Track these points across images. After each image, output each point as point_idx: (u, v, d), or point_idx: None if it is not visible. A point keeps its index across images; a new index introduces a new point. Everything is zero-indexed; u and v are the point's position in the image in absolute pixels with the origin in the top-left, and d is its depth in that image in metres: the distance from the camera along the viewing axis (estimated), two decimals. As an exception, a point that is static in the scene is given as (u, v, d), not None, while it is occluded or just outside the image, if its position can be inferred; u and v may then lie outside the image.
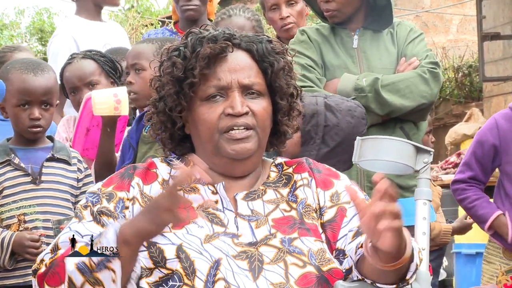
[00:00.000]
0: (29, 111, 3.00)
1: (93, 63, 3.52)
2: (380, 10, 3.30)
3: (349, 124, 2.82)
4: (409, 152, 2.29)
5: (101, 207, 1.92)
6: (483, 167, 3.25)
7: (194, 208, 1.93)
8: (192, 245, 1.85)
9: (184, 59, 1.95)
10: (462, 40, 11.36)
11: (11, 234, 2.93)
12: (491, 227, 3.22)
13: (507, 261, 3.23)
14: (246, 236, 1.90)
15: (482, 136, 3.26)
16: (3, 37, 13.58)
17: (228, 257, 1.84)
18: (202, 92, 1.95)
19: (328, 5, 3.26)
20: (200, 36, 1.98)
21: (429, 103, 3.20)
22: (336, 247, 1.94)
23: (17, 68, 3.05)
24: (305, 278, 1.84)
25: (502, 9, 8.73)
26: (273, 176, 2.05)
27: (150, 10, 14.86)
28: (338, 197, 2.00)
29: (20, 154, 3.04)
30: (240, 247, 1.88)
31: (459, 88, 10.34)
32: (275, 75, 1.99)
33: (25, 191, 2.99)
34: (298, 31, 3.38)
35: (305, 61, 3.23)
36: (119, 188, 1.96)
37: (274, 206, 1.97)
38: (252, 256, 1.86)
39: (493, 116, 3.31)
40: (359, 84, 3.13)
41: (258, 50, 1.98)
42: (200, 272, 1.81)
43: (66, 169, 3.07)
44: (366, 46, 3.28)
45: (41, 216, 2.97)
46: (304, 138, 2.80)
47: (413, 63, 3.22)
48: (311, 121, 2.79)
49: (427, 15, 11.37)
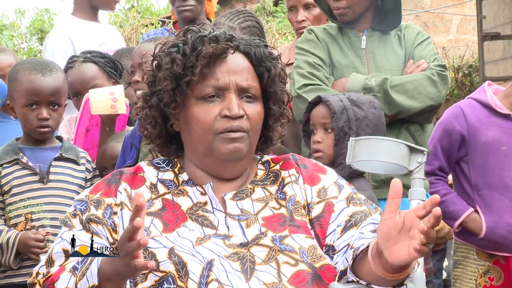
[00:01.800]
0: (37, 111, 3.02)
1: (94, 66, 3.53)
2: (387, 12, 3.32)
3: (375, 115, 2.85)
4: (402, 152, 2.29)
5: (90, 215, 1.91)
6: (449, 157, 3.14)
7: (184, 211, 1.93)
8: (184, 247, 1.84)
9: (184, 56, 1.94)
10: (462, 40, 11.35)
11: (16, 234, 2.94)
12: (460, 224, 3.15)
13: (483, 262, 3.15)
14: (237, 237, 1.90)
15: (448, 125, 3.14)
16: (3, 37, 13.58)
17: (220, 258, 1.84)
18: (198, 90, 1.94)
19: (338, 3, 3.26)
20: (200, 34, 1.96)
21: (436, 105, 3.21)
22: (325, 243, 1.94)
23: (25, 68, 3.06)
24: (298, 276, 1.84)
25: (502, 9, 8.73)
26: (260, 174, 2.04)
27: (151, 10, 14.85)
28: (325, 192, 2.00)
29: (28, 153, 3.06)
30: (231, 248, 1.87)
31: (459, 88, 10.34)
32: (271, 80, 1.99)
33: (33, 190, 3.01)
34: (306, 30, 3.39)
35: (313, 60, 3.24)
36: (107, 194, 1.95)
37: (263, 205, 1.97)
38: (244, 257, 1.86)
39: (457, 104, 3.20)
40: (368, 84, 3.14)
41: (256, 54, 1.98)
42: (193, 274, 1.80)
43: (75, 168, 3.09)
44: (374, 46, 3.30)
45: (48, 215, 2.98)
46: (339, 136, 2.81)
47: (421, 65, 3.24)
48: (342, 117, 2.81)
49: (427, 15, 11.35)
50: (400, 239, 1.62)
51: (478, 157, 3.10)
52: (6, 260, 2.95)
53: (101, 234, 1.90)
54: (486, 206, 3.11)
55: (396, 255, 1.63)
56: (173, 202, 1.95)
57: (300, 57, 3.28)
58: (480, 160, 3.10)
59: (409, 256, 1.60)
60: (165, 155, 2.06)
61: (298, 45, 3.34)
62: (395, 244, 1.63)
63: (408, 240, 1.60)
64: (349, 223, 1.94)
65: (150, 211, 1.93)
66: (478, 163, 3.11)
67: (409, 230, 1.60)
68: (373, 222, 1.92)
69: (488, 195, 3.11)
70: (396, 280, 1.75)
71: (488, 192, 3.11)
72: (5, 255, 2.95)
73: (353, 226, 1.93)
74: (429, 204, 1.57)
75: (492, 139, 3.09)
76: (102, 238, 1.89)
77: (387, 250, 1.64)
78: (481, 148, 3.09)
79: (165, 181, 2.00)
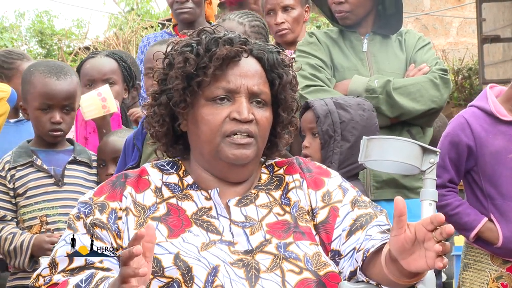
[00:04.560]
0: (50, 114, 3.01)
1: (115, 63, 3.53)
2: (389, 16, 3.33)
3: (363, 117, 2.85)
4: (415, 153, 2.28)
5: (94, 219, 1.89)
6: (458, 168, 3.12)
7: (188, 216, 1.92)
8: (189, 253, 1.83)
9: (197, 56, 1.92)
10: (462, 42, 11.36)
11: (31, 237, 2.94)
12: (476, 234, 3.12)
13: (496, 267, 3.15)
14: (241, 244, 1.88)
15: (455, 137, 3.10)
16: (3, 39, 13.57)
17: (225, 264, 1.82)
18: (209, 92, 1.92)
19: (341, 7, 3.28)
20: (215, 36, 1.95)
21: (438, 108, 3.23)
22: (331, 248, 1.93)
23: (40, 71, 3.04)
24: (303, 284, 1.83)
25: (502, 11, 8.73)
26: (264, 178, 2.02)
27: (150, 13, 14.85)
28: (330, 196, 1.98)
29: (42, 156, 3.06)
30: (236, 255, 1.86)
31: (459, 91, 10.35)
32: (283, 87, 1.98)
33: (48, 192, 3.01)
34: (307, 33, 3.41)
35: (315, 62, 3.25)
36: (111, 198, 1.93)
37: (268, 211, 1.95)
38: (249, 265, 1.84)
39: (461, 115, 3.16)
40: (370, 85, 3.15)
41: (269, 59, 1.96)
42: (198, 279, 1.79)
43: (87, 172, 3.10)
44: (375, 49, 3.31)
45: (63, 218, 2.97)
46: (324, 139, 2.82)
47: (423, 69, 3.25)
48: (326, 121, 2.82)
49: (427, 18, 11.36)
50: (415, 250, 1.63)
51: (488, 167, 3.09)
52: (20, 263, 2.95)
53: (105, 240, 1.88)
54: (501, 215, 3.10)
55: (413, 265, 1.64)
56: (177, 207, 1.94)
57: (302, 59, 3.28)
58: (490, 170, 3.09)
59: (428, 266, 1.61)
60: (170, 155, 2.05)
61: (299, 48, 3.35)
62: (411, 254, 1.63)
63: (423, 250, 1.61)
64: (354, 226, 1.93)
65: (155, 215, 1.91)
66: (488, 173, 3.10)
67: (422, 242, 1.61)
68: (379, 224, 1.92)
69: (503, 204, 3.09)
70: (410, 283, 1.75)
71: (502, 201, 3.10)
72: (19, 257, 2.95)
73: (359, 229, 1.92)
74: (436, 221, 1.58)
75: (499, 148, 3.08)
76: (106, 244, 1.87)
77: (403, 260, 1.65)
78: (489, 158, 3.08)
79: (170, 184, 1.98)
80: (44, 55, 13.69)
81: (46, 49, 14.34)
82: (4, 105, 3.02)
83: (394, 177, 3.15)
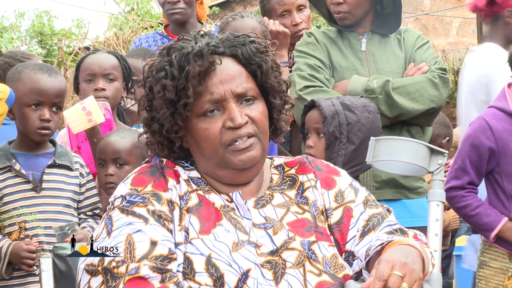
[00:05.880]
0: (40, 111, 2.97)
1: (116, 60, 3.47)
2: (387, 16, 3.33)
3: (368, 120, 2.85)
4: (423, 153, 2.28)
5: (158, 211, 1.84)
6: (478, 170, 3.11)
7: (218, 208, 1.92)
8: (221, 254, 1.83)
9: (173, 79, 1.90)
10: (462, 42, 11.37)
11: (9, 244, 2.90)
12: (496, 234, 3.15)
13: None
14: (266, 246, 1.88)
15: (475, 139, 3.10)
16: (3, 40, 13.56)
17: (256, 266, 1.83)
18: (197, 108, 1.90)
19: (339, 7, 3.28)
20: (184, 52, 1.91)
21: (438, 107, 3.23)
22: (345, 249, 1.94)
23: (30, 68, 3.02)
24: (321, 287, 1.84)
25: (502, 11, 8.72)
26: (275, 178, 2.03)
27: (150, 13, 14.86)
28: (343, 196, 2.00)
29: (21, 159, 3.00)
30: (263, 257, 1.86)
31: (459, 90, 10.34)
32: (265, 76, 1.96)
33: (26, 198, 2.96)
34: (305, 33, 3.40)
35: (313, 62, 3.25)
36: (160, 187, 1.89)
37: (285, 210, 1.95)
38: (277, 266, 1.85)
39: (481, 117, 3.15)
40: (369, 86, 3.15)
41: (243, 53, 1.94)
42: (228, 285, 1.79)
43: (68, 175, 3.05)
44: (374, 49, 3.31)
45: (42, 224, 2.94)
46: (330, 140, 2.81)
47: (422, 68, 3.24)
48: (333, 122, 2.81)
49: (427, 18, 11.37)
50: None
51: (510, 167, 3.09)
52: None
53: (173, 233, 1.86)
54: None
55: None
56: (206, 199, 1.93)
57: (300, 59, 3.28)
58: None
59: None
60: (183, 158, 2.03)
61: (297, 48, 3.35)
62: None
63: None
64: (366, 227, 1.94)
65: (189, 206, 1.90)
66: (510, 173, 3.10)
67: None
68: (390, 224, 1.95)
69: None
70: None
71: None
72: None
73: (371, 230, 1.94)
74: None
75: None
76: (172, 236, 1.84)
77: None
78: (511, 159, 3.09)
79: (193, 178, 1.97)
80: (44, 55, 13.69)
81: (46, 49, 14.34)
82: (2, 105, 3.00)
83: (394, 177, 3.15)
